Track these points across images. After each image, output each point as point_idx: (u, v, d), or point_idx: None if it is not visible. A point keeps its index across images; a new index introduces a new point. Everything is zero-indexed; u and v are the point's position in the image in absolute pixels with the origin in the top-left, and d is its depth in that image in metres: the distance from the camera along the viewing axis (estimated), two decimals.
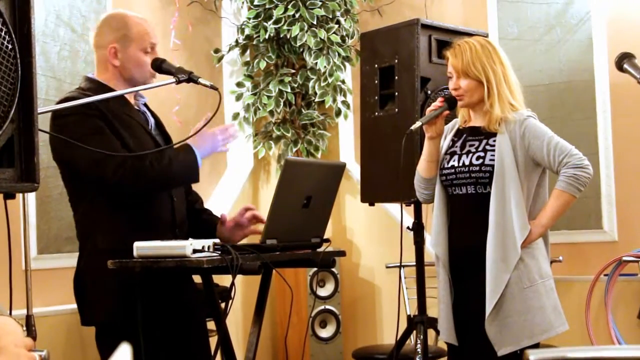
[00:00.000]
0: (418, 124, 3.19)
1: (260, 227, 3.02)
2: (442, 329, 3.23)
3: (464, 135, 3.25)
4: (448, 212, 3.24)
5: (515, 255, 3.04)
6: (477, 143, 3.19)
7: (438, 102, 3.23)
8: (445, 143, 3.29)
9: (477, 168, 3.13)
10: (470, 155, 3.17)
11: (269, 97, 5.13)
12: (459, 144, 3.25)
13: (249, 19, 5.12)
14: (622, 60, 3.16)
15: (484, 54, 3.16)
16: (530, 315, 3.05)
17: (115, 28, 3.07)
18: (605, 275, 4.46)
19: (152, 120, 3.17)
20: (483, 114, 3.19)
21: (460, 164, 3.18)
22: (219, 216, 3.24)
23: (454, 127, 3.33)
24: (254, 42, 5.19)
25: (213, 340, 3.13)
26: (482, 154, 3.15)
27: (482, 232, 3.08)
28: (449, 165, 3.22)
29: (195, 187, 3.47)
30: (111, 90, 2.98)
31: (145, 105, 3.21)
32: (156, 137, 3.12)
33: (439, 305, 3.25)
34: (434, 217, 3.24)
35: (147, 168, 2.89)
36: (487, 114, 3.17)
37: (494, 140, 3.13)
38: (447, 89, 3.77)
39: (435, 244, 3.22)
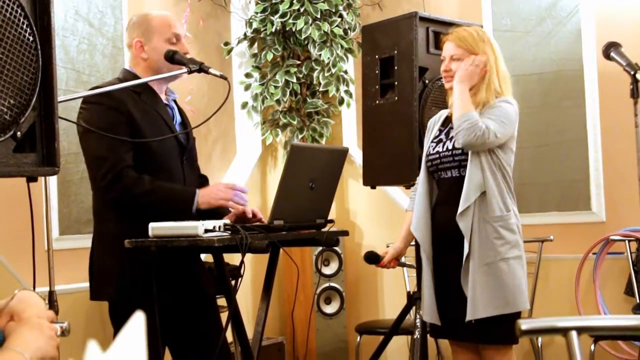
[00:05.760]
0: None
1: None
2: (425, 310, 3.18)
3: (450, 124, 3.20)
4: (431, 197, 3.20)
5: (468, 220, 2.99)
6: None
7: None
8: (432, 133, 3.26)
9: (460, 151, 3.09)
10: (454, 140, 3.12)
11: (275, 87, 5.12)
12: (445, 131, 3.22)
13: (257, 13, 5.11)
14: (609, 49, 3.14)
15: (480, 41, 3.13)
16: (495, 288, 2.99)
17: (138, 24, 3.07)
18: (593, 253, 4.46)
19: (178, 118, 3.13)
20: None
21: (444, 149, 3.15)
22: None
23: (440, 117, 3.29)
24: (262, 35, 5.18)
25: (224, 316, 3.13)
26: None
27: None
28: (434, 152, 3.19)
29: (206, 171, 3.46)
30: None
31: (175, 102, 3.17)
32: (179, 133, 3.07)
33: (422, 289, 3.21)
34: (416, 202, 3.20)
35: (134, 181, 2.84)
36: (472, 98, 3.12)
37: None
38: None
39: (416, 228, 3.18)
